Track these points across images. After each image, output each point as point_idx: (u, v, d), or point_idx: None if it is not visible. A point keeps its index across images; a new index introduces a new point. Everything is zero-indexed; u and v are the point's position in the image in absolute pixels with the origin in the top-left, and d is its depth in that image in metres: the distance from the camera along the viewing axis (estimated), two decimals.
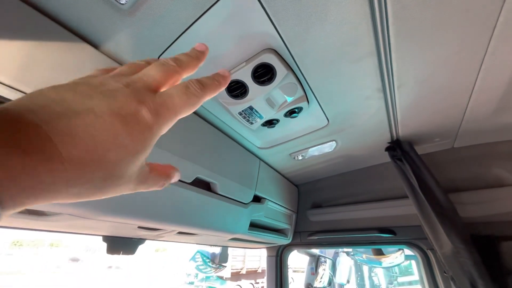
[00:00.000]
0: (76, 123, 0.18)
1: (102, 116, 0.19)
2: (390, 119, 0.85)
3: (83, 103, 0.19)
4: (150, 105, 0.21)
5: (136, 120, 0.20)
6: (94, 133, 0.18)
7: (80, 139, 0.17)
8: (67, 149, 0.17)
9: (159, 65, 0.24)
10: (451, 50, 0.57)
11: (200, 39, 0.54)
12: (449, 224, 0.83)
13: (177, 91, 0.23)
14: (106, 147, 0.19)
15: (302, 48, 0.56)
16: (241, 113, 0.71)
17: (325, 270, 2.73)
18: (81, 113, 0.18)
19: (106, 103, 0.19)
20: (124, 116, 0.20)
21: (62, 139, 0.17)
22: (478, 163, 1.01)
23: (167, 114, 0.23)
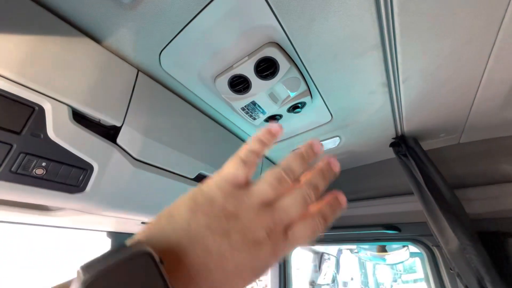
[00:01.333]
0: (225, 280, 0.20)
1: (244, 274, 0.21)
2: (394, 114, 0.84)
3: (234, 261, 0.21)
4: (282, 252, 0.23)
5: (266, 270, 0.23)
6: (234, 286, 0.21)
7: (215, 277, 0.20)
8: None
9: (302, 201, 0.24)
10: (458, 42, 0.56)
11: (202, 33, 0.53)
12: (456, 220, 0.82)
13: (306, 231, 0.24)
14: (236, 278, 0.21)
15: (305, 42, 0.55)
16: (244, 108, 0.71)
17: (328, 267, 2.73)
18: (230, 273, 0.21)
19: (249, 261, 0.21)
20: (259, 270, 0.22)
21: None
22: (484, 158, 0.99)
23: (289, 251, 0.24)
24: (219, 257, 0.20)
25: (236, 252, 0.21)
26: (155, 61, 0.59)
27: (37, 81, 0.43)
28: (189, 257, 0.20)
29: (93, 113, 0.50)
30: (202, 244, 0.20)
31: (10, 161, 0.40)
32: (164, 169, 0.64)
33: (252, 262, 0.21)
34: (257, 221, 0.22)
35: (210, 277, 0.20)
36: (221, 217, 0.22)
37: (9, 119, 0.40)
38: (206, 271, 0.20)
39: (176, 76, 0.64)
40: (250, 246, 0.21)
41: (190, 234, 0.21)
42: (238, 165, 0.25)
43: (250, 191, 0.24)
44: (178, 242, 0.20)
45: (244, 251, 0.21)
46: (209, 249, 0.20)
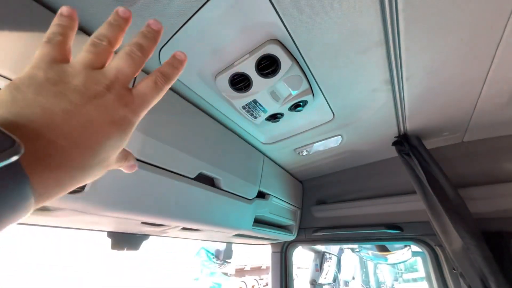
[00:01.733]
0: (84, 135, 0.22)
1: (102, 126, 0.23)
2: (397, 113, 0.83)
3: (82, 115, 0.22)
4: (132, 106, 0.25)
5: (126, 122, 0.25)
6: (98, 142, 0.23)
7: (88, 149, 0.22)
8: (81, 159, 0.22)
9: (129, 58, 0.26)
10: (463, 39, 0.54)
11: (202, 30, 0.52)
12: (459, 220, 0.81)
13: (149, 87, 0.27)
14: (106, 150, 0.24)
15: (307, 38, 0.54)
16: (244, 107, 0.70)
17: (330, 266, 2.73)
18: (86, 126, 0.22)
19: (101, 114, 0.23)
20: (117, 122, 0.24)
21: (76, 151, 0.21)
22: (489, 157, 0.98)
23: (145, 110, 0.27)
24: (64, 113, 0.21)
25: (80, 107, 0.22)
26: (154, 58, 0.58)
27: None
28: (29, 124, 0.19)
29: None
30: (39, 108, 0.20)
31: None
32: (164, 168, 0.63)
33: (103, 113, 0.23)
34: (89, 80, 0.23)
35: (61, 131, 0.20)
36: (48, 85, 0.22)
37: None
38: (53, 126, 0.20)
39: None
40: (91, 98, 0.22)
41: (21, 107, 0.20)
42: (46, 44, 0.24)
43: (70, 62, 0.24)
44: (8, 119, 0.19)
45: (87, 103, 0.22)
46: (49, 108, 0.20)
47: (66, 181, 0.21)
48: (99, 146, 0.23)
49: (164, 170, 0.63)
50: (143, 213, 0.61)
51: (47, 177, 0.20)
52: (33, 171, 0.18)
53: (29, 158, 0.18)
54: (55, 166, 0.20)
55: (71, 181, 0.22)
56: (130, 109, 0.25)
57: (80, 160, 0.22)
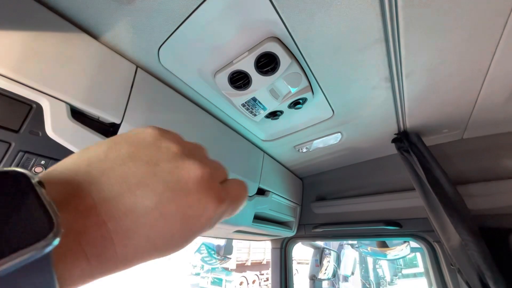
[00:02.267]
0: (141, 221, 0.17)
1: (168, 216, 0.18)
2: (397, 110, 0.83)
3: (154, 196, 0.17)
4: (218, 198, 0.20)
5: (199, 220, 0.19)
6: (152, 234, 0.17)
7: (136, 239, 0.17)
8: (123, 251, 0.16)
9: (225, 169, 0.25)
10: (463, 36, 0.54)
11: (201, 28, 0.52)
12: (457, 216, 0.82)
13: (238, 184, 0.24)
14: (156, 246, 0.18)
15: (306, 36, 0.54)
16: (244, 104, 0.70)
17: (329, 262, 2.75)
18: (150, 210, 0.17)
19: (177, 199, 0.18)
20: (189, 217, 0.19)
21: (122, 240, 0.16)
22: (488, 154, 0.98)
23: (228, 210, 0.22)
24: (138, 186, 0.17)
25: (161, 183, 0.18)
26: (154, 57, 0.58)
27: (34, 78, 0.42)
28: (98, 188, 0.16)
29: (91, 111, 0.49)
30: (119, 172, 0.17)
31: (9, 159, 0.40)
32: None
33: (179, 200, 0.18)
34: (192, 160, 0.20)
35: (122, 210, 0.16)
36: (151, 148, 0.19)
37: (7, 117, 0.40)
38: (118, 201, 0.16)
39: (175, 72, 0.64)
40: (179, 178, 0.19)
41: (105, 164, 0.17)
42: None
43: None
44: (87, 173, 0.17)
45: (172, 182, 0.18)
46: (127, 178, 0.17)
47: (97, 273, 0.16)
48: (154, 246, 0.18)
49: None
50: None
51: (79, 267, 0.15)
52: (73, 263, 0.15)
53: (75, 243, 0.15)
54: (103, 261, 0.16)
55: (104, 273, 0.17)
56: (215, 204, 0.20)
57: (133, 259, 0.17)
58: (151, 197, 0.17)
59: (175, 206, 0.18)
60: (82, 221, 0.15)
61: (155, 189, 0.17)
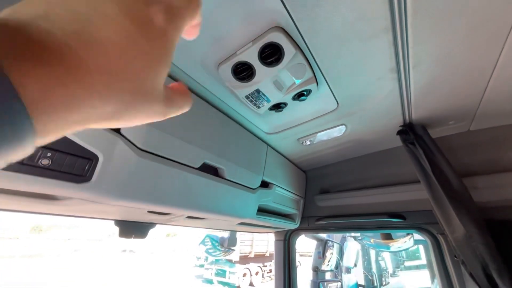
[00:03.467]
0: (92, 28, 0.16)
1: (116, 18, 0.17)
2: (403, 101, 0.82)
3: (90, 6, 0.16)
4: (159, 4, 0.19)
5: (149, 21, 0.19)
6: (113, 38, 0.16)
7: (101, 46, 0.16)
8: (91, 57, 0.15)
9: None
10: (473, 23, 0.53)
11: (204, 18, 0.51)
12: (462, 208, 0.81)
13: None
14: (129, 54, 0.17)
15: (312, 26, 0.53)
16: (247, 96, 0.69)
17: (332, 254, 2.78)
18: (94, 17, 0.16)
19: (114, 3, 0.17)
20: (136, 18, 0.18)
21: (84, 46, 0.15)
22: (495, 146, 0.96)
23: (177, 16, 0.21)
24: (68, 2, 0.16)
25: (92, 1, 0.16)
26: None
27: None
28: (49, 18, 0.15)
29: None
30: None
31: None
32: (169, 158, 0.64)
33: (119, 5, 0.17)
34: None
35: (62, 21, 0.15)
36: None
37: None
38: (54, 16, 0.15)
39: (178, 64, 0.63)
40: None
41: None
42: None
43: None
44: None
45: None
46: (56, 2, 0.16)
47: (73, 86, 0.15)
48: (113, 45, 0.17)
49: (169, 160, 0.64)
50: (149, 202, 0.62)
51: (38, 74, 0.13)
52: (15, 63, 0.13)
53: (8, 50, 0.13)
54: (51, 60, 0.14)
55: (84, 90, 0.15)
56: (158, 8, 0.20)
57: (89, 58, 0.16)
58: (88, 5, 0.16)
59: (116, 6, 0.17)
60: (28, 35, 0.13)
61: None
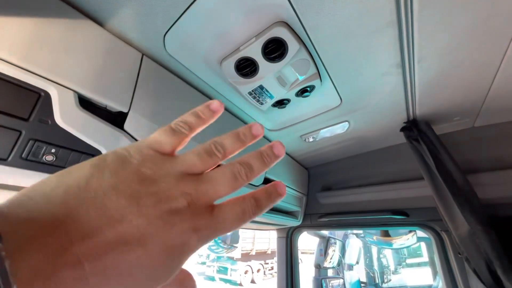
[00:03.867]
0: (123, 259, 0.15)
1: (152, 251, 0.16)
2: (407, 97, 0.81)
3: (138, 231, 0.16)
4: (203, 232, 0.19)
5: (182, 250, 0.18)
6: (134, 271, 0.16)
7: (116, 278, 0.15)
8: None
9: (232, 179, 0.21)
10: (480, 16, 0.52)
11: (207, 13, 0.51)
12: (467, 205, 0.81)
13: (234, 214, 0.21)
14: (138, 283, 0.16)
15: (316, 20, 0.52)
16: (251, 93, 0.69)
17: (334, 251, 2.79)
18: (133, 246, 0.16)
19: (161, 235, 0.17)
20: (173, 249, 0.17)
21: (99, 281, 0.15)
22: (500, 143, 0.95)
23: (214, 238, 0.20)
24: (121, 222, 0.16)
25: (144, 218, 0.17)
26: (159, 44, 0.58)
27: (42, 66, 0.42)
28: (76, 221, 0.15)
29: (98, 99, 0.49)
30: (100, 205, 0.16)
31: (20, 147, 0.40)
32: None
33: (163, 234, 0.17)
34: (177, 187, 0.19)
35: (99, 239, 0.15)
36: (133, 179, 0.18)
37: (16, 105, 0.40)
38: (97, 236, 0.15)
39: (181, 60, 0.63)
40: (163, 213, 0.18)
41: (85, 194, 0.16)
42: (166, 132, 0.22)
43: (175, 159, 0.21)
44: (64, 203, 0.15)
45: (155, 217, 0.17)
46: (109, 212, 0.16)
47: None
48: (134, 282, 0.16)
49: None
50: None
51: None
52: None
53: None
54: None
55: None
56: (200, 236, 0.19)
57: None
58: (133, 233, 0.16)
59: (160, 240, 0.17)
60: (53, 261, 0.14)
61: (138, 225, 0.16)
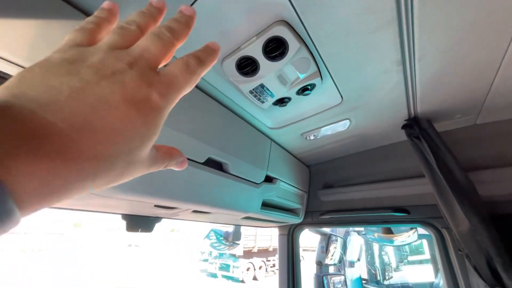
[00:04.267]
0: (92, 117, 0.17)
1: (117, 106, 0.18)
2: (408, 95, 0.81)
3: (94, 93, 0.18)
4: (158, 87, 0.21)
5: (149, 105, 0.20)
6: (112, 125, 0.18)
7: (100, 133, 0.17)
8: (89, 146, 0.17)
9: (157, 38, 0.23)
10: (481, 13, 0.52)
11: (208, 13, 0.51)
12: (467, 202, 0.81)
13: (180, 69, 0.23)
14: (126, 138, 0.19)
15: (316, 19, 0.52)
16: (252, 91, 0.69)
17: (336, 248, 2.80)
18: (96, 105, 0.17)
19: (117, 91, 0.19)
20: (138, 103, 0.19)
21: (83, 136, 0.16)
22: (501, 140, 0.95)
23: (174, 94, 0.23)
24: (71, 91, 0.17)
25: (92, 84, 0.18)
26: None
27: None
28: (25, 104, 0.16)
29: None
30: (43, 87, 0.17)
31: None
32: None
33: (120, 90, 0.19)
34: (109, 57, 0.20)
35: (62, 111, 0.16)
36: (63, 63, 0.19)
37: None
38: (53, 106, 0.16)
39: None
40: (108, 76, 0.19)
41: (24, 87, 0.17)
42: (75, 31, 0.22)
43: (95, 46, 0.22)
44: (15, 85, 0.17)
45: (102, 80, 0.18)
46: (54, 87, 0.17)
47: (69, 176, 0.16)
48: (114, 131, 0.18)
49: None
50: (155, 196, 0.63)
51: (36, 169, 0.14)
52: (15, 160, 0.14)
53: (12, 143, 0.14)
54: (50, 154, 0.15)
55: (78, 176, 0.16)
56: (156, 89, 0.21)
57: (88, 148, 0.17)
58: (91, 96, 0.17)
59: (118, 97, 0.18)
60: (29, 125, 0.15)
61: (91, 90, 0.18)
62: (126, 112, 0.19)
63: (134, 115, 0.19)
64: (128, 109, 0.19)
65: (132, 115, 0.19)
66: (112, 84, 0.19)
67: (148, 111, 0.20)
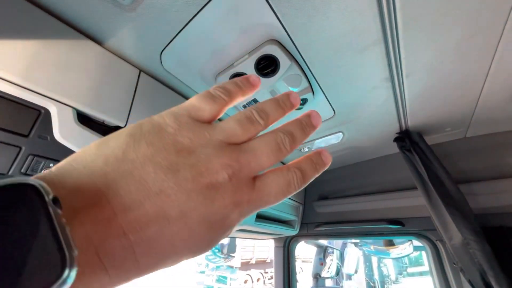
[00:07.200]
0: (164, 232, 0.16)
1: (192, 225, 0.17)
2: (398, 109, 0.83)
3: (178, 206, 0.16)
4: (245, 206, 0.19)
5: (222, 224, 0.18)
6: (176, 243, 0.17)
7: (159, 248, 0.16)
8: (145, 261, 0.16)
9: (277, 149, 0.20)
10: (463, 35, 0.54)
11: (202, 33, 0.53)
12: (459, 215, 0.82)
13: (278, 186, 0.20)
14: (179, 253, 0.17)
15: (306, 39, 0.55)
16: (245, 106, 0.71)
17: (332, 260, 2.76)
18: (173, 221, 0.16)
19: (200, 207, 0.17)
20: (213, 223, 0.18)
21: (144, 251, 0.16)
22: (491, 153, 0.97)
23: (256, 211, 0.20)
24: (159, 196, 0.16)
25: (184, 193, 0.16)
26: (156, 61, 0.60)
27: (42, 85, 0.44)
28: (116, 194, 0.15)
29: (97, 115, 0.51)
30: (138, 178, 0.16)
31: (19, 162, 0.41)
32: None
33: (204, 209, 0.17)
34: (217, 158, 0.18)
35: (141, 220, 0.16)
36: (170, 150, 0.17)
37: (17, 122, 0.42)
38: (139, 210, 0.16)
39: (177, 75, 0.65)
40: (203, 187, 0.17)
41: (123, 165, 0.16)
42: (205, 98, 0.20)
43: (213, 127, 0.20)
44: (104, 174, 0.16)
45: (195, 192, 0.17)
46: (147, 185, 0.16)
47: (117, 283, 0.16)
48: (173, 248, 0.17)
49: None
50: None
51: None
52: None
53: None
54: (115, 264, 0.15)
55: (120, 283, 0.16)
56: (240, 208, 0.19)
57: (145, 263, 0.16)
58: (173, 208, 0.16)
59: (200, 215, 0.17)
60: (101, 232, 0.15)
61: (177, 200, 0.16)
62: (197, 231, 0.17)
63: (201, 234, 0.17)
64: (200, 228, 0.17)
65: (200, 234, 0.17)
66: (202, 199, 0.17)
67: (219, 230, 0.18)
